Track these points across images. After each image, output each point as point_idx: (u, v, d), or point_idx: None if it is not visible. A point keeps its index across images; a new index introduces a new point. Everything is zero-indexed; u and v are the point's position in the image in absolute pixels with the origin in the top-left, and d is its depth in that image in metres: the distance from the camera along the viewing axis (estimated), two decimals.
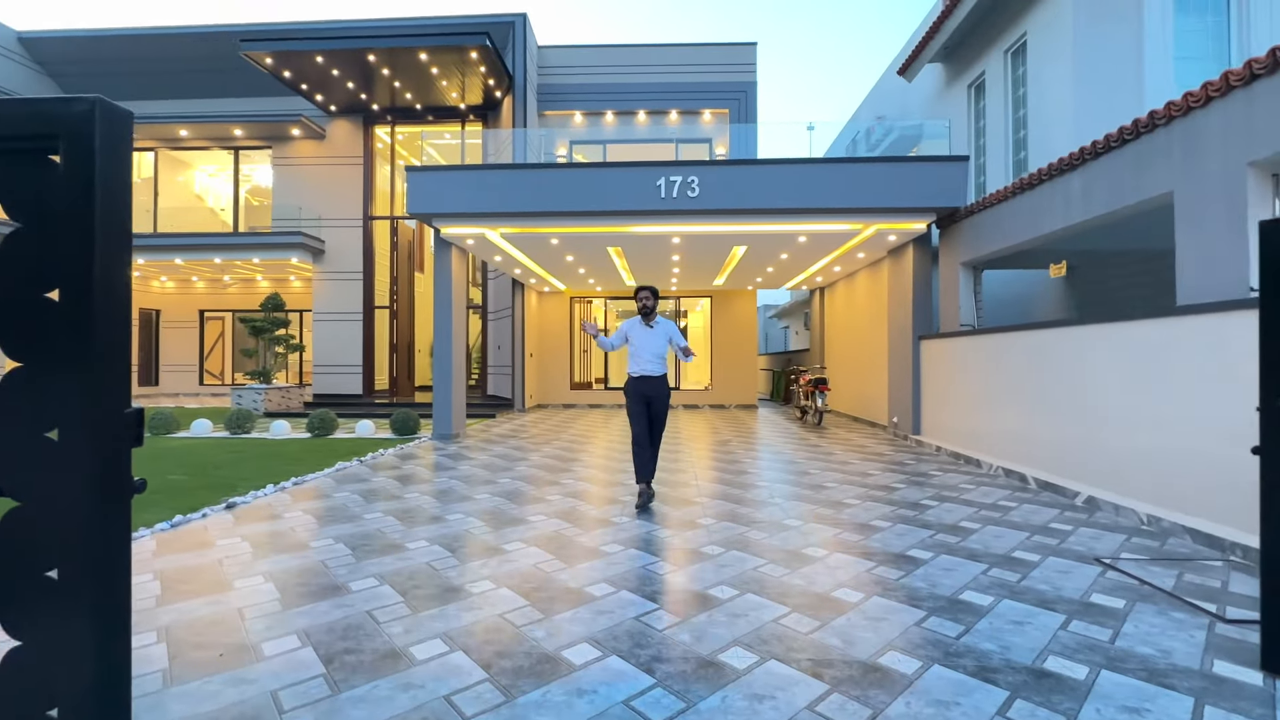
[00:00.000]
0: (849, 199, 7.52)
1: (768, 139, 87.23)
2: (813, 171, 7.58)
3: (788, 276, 12.39)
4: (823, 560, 3.42)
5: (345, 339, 14.46)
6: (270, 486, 5.31)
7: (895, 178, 7.49)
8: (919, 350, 8.34)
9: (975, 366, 6.84)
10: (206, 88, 14.86)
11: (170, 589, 2.98)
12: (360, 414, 12.11)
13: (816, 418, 10.26)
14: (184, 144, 15.13)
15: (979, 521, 4.27)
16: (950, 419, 7.43)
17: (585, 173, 7.75)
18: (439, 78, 12.77)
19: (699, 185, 7.58)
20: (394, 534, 3.94)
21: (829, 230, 8.08)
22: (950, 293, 7.98)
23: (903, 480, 5.75)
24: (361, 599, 2.85)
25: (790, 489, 5.33)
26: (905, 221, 7.81)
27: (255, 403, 12.15)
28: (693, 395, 14.79)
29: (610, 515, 4.43)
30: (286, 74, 12.48)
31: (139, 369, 16.92)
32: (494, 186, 7.80)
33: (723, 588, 3.00)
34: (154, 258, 14.26)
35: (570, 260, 10.32)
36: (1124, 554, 3.56)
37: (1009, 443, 6.10)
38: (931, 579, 3.13)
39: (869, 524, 4.19)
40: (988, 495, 5.13)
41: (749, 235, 8.30)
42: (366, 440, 8.38)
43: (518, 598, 2.87)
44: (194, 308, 17.67)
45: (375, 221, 14.91)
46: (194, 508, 4.55)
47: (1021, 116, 9.13)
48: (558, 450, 7.62)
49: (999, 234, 6.82)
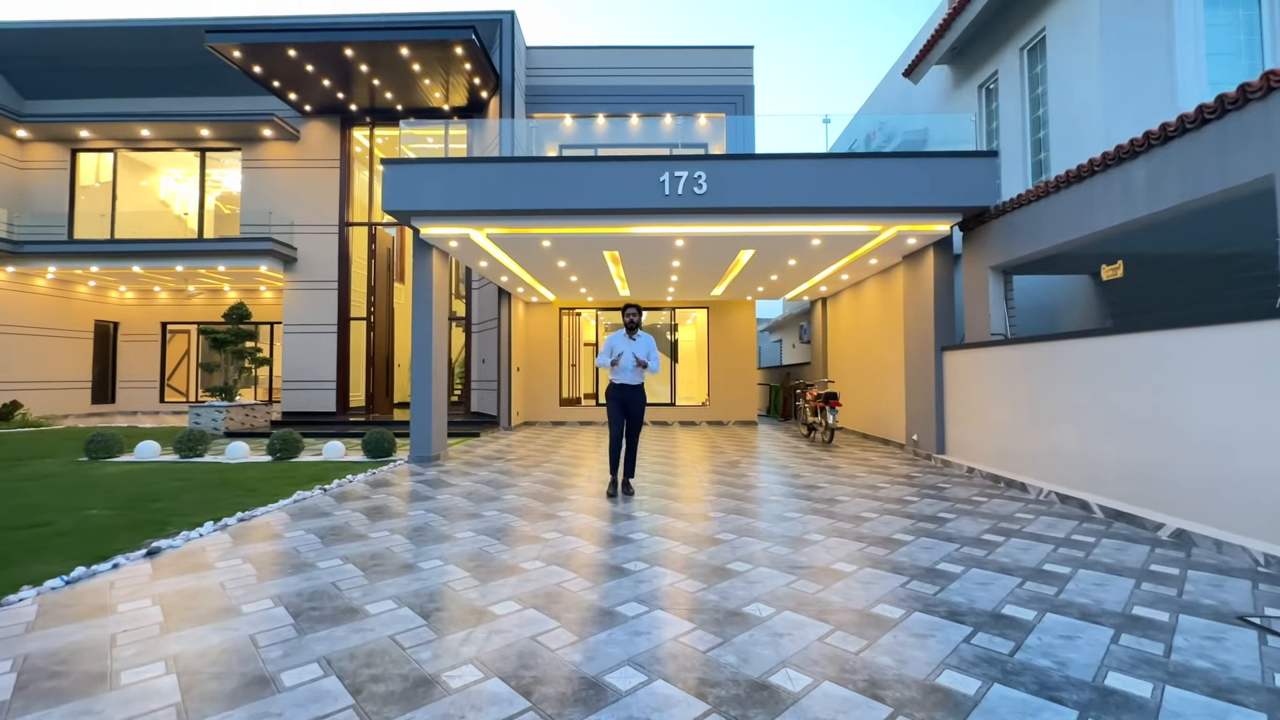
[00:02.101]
0: (869, 197, 6.91)
1: (769, 140, 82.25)
2: (830, 168, 6.97)
3: (790, 286, 11.78)
4: (903, 624, 2.67)
5: (318, 352, 13.51)
6: (210, 524, 4.44)
7: (919, 175, 6.91)
8: (942, 363, 7.71)
9: (1014, 379, 6.21)
10: (171, 85, 14.00)
11: (24, 689, 2.13)
12: (333, 434, 11.16)
13: (827, 435, 9.57)
14: (146, 144, 14.20)
15: (1064, 564, 3.56)
16: (983, 437, 6.77)
17: (581, 167, 7.05)
18: (421, 76, 12.08)
19: (706, 181, 6.93)
20: (353, 591, 3.11)
21: (846, 232, 7.46)
22: (977, 300, 7.38)
23: (947, 509, 5.04)
24: (298, 705, 2.03)
25: (825, 521, 4.59)
26: (928, 223, 7.22)
27: (215, 422, 11.14)
28: (690, 411, 14.05)
29: (623, 560, 3.64)
30: (257, 69, 11.69)
31: (94, 385, 15.74)
32: (481, 182, 7.06)
33: (787, 672, 2.24)
34: (110, 265, 13.23)
35: (562, 266, 9.59)
36: (1267, 608, 2.87)
37: (1063, 464, 5.43)
38: (1053, 653, 2.40)
39: (935, 568, 3.46)
40: (1053, 527, 4.43)
41: (758, 237, 7.65)
42: (334, 464, 7.48)
43: (514, 695, 2.08)
44: (156, 320, 16.57)
45: (352, 228, 14.08)
46: (105, 555, 3.67)
47: (1040, 116, 8.66)
48: (549, 475, 6.81)
49: (1037, 234, 6.24)
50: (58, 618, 2.78)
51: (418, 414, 7.82)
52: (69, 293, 15.01)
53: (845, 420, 11.10)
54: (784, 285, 11.63)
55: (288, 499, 5.38)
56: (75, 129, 13.59)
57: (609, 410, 5.54)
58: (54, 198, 14.19)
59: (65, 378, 14.92)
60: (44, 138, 14.09)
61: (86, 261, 13.20)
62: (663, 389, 14.25)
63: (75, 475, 6.68)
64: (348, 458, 7.95)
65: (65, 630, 2.64)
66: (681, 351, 14.63)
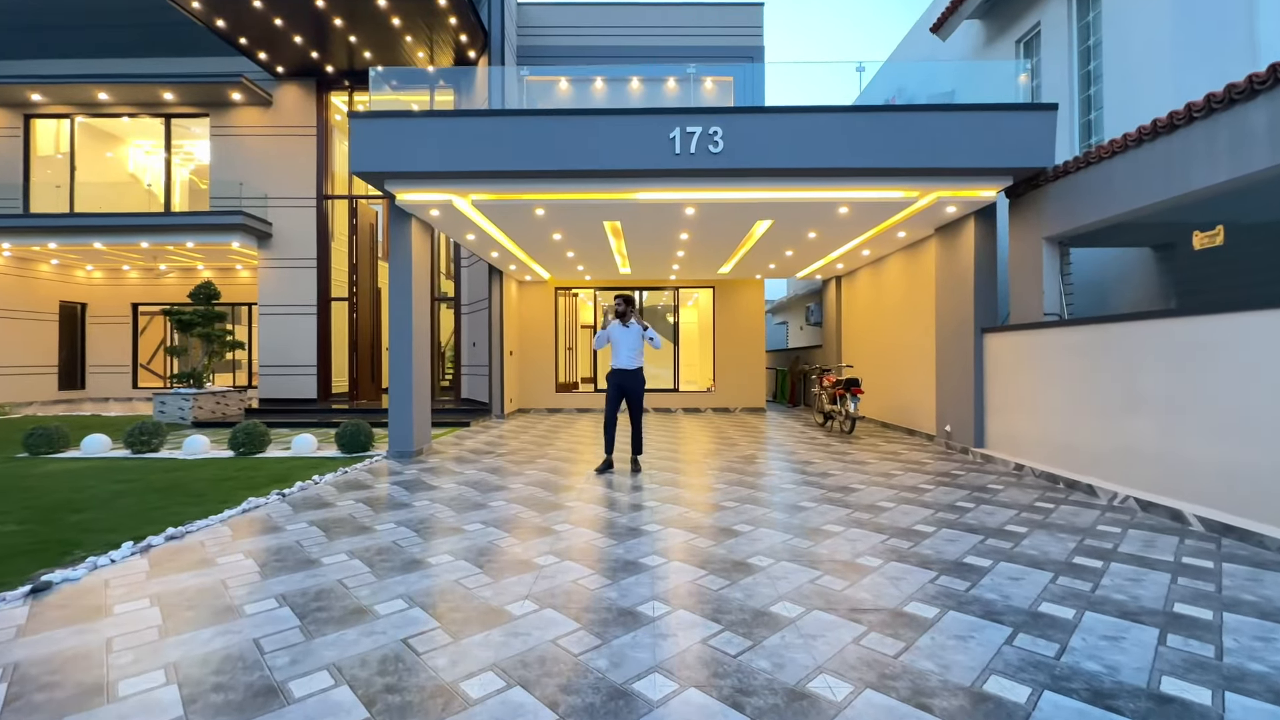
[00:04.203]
0: (908, 157, 6.04)
1: (784, 97, 79.63)
2: (866, 123, 6.08)
3: (804, 263, 10.92)
4: (1039, 711, 1.90)
5: (297, 336, 12.61)
6: (128, 545, 3.63)
7: (965, 132, 6.03)
8: (982, 346, 6.91)
9: (1075, 365, 5.41)
10: (132, 46, 12.87)
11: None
12: (313, 423, 10.34)
13: (848, 425, 8.80)
14: (105, 109, 13.10)
15: (1198, 603, 2.79)
16: (1035, 430, 6.00)
17: (581, 122, 6.14)
18: (403, 32, 11.03)
19: (723, 138, 6.03)
20: (279, 657, 2.31)
21: (878, 199, 6.60)
22: (1026, 276, 6.56)
23: (1012, 519, 4.27)
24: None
25: (874, 538, 3.81)
26: (973, 187, 6.36)
27: (183, 411, 10.29)
28: (694, 398, 13.26)
29: (637, 600, 2.85)
30: (220, 23, 10.60)
31: (60, 370, 14.82)
32: (465, 138, 6.15)
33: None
34: (69, 241, 12.24)
35: (558, 239, 8.70)
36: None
37: (1142, 465, 4.66)
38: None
39: (1037, 611, 2.68)
40: (1153, 546, 3.67)
41: (780, 205, 6.78)
42: (303, 461, 6.67)
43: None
44: (126, 301, 15.59)
45: (332, 201, 13.09)
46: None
47: (1092, 70, 7.76)
48: (544, 474, 6.02)
49: (1108, 197, 5.40)
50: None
51: (396, 404, 6.99)
52: (30, 271, 14.02)
53: (864, 408, 10.33)
54: (798, 262, 10.77)
55: (236, 508, 4.57)
56: (26, 91, 12.49)
57: (608, 394, 5.96)
58: (7, 168, 13.12)
59: (28, 362, 14.00)
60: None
61: (44, 237, 12.19)
62: (665, 374, 13.44)
63: (3, 475, 5.85)
64: (320, 452, 7.14)
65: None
66: (684, 334, 13.79)
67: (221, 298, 11.73)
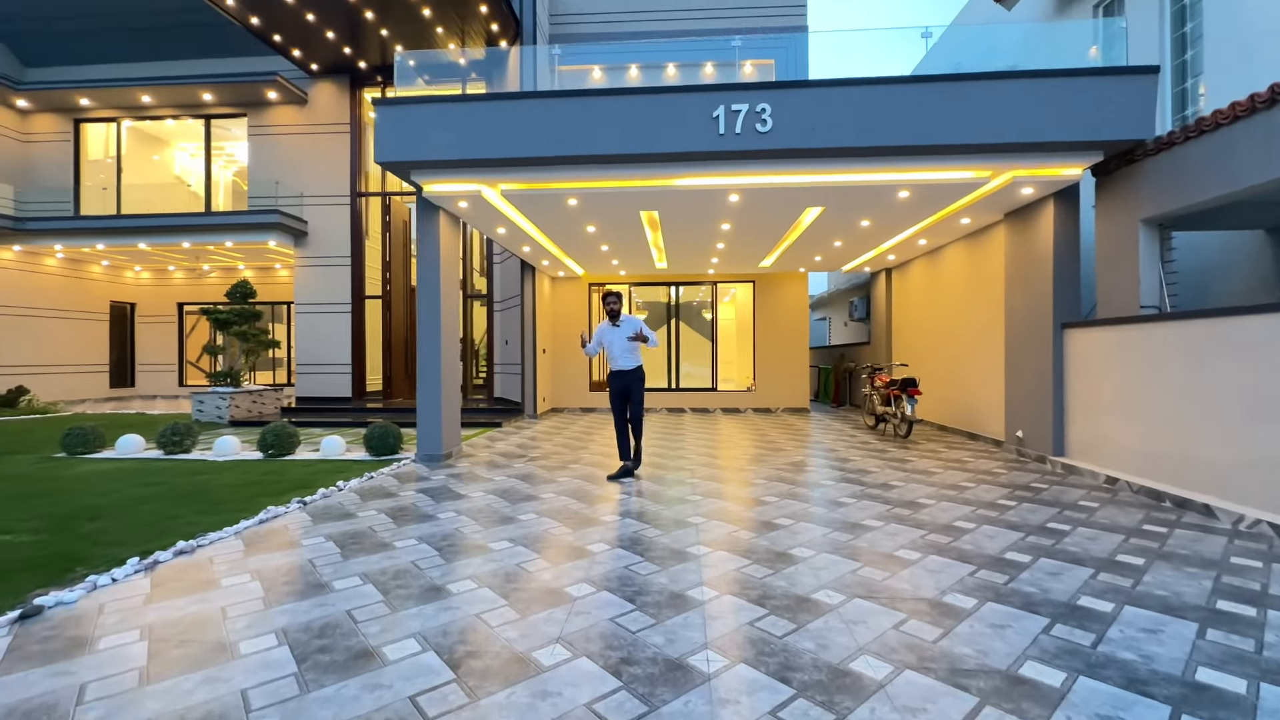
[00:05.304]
0: (981, 132, 5.39)
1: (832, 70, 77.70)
2: (935, 94, 5.44)
3: (853, 255, 10.23)
4: None
5: (332, 334, 12.59)
6: (133, 562, 3.37)
7: (1050, 101, 5.33)
8: (1062, 343, 6.19)
9: (1184, 365, 4.70)
10: (173, 48, 13.05)
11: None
12: (347, 421, 10.23)
13: (903, 429, 8.13)
14: (150, 112, 13.32)
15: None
16: (1130, 439, 5.28)
17: (615, 102, 5.69)
18: (434, 24, 10.80)
19: (772, 116, 5.49)
20: (273, 715, 1.94)
21: (944, 180, 5.95)
22: (1118, 263, 5.81)
23: (1121, 546, 3.64)
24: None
25: (959, 568, 3.25)
26: (1056, 165, 5.65)
27: (220, 410, 10.31)
28: (733, 397, 12.69)
29: (685, 650, 2.39)
30: (254, 20, 10.56)
31: (112, 368, 15.25)
32: (494, 124, 5.78)
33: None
34: (116, 242, 12.49)
35: (591, 232, 8.29)
36: None
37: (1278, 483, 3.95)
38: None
39: (1204, 683, 2.11)
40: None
41: (832, 189, 6.19)
42: (329, 464, 6.45)
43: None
44: (172, 301, 15.96)
45: (365, 199, 13.02)
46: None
47: (1188, 33, 6.89)
48: (577, 482, 5.62)
49: (1226, 172, 4.66)
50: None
51: (425, 405, 6.70)
52: (82, 273, 14.43)
53: (920, 410, 9.61)
54: (846, 254, 10.09)
55: (253, 518, 4.30)
56: (75, 96, 12.78)
57: (610, 397, 5.79)
58: (59, 173, 13.49)
59: (81, 361, 14.43)
60: (46, 108, 13.36)
61: (93, 239, 12.48)
62: (703, 373, 12.92)
63: (35, 478, 5.78)
64: (347, 455, 6.92)
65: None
66: (722, 331, 13.22)
67: (258, 296, 11.75)
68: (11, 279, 12.86)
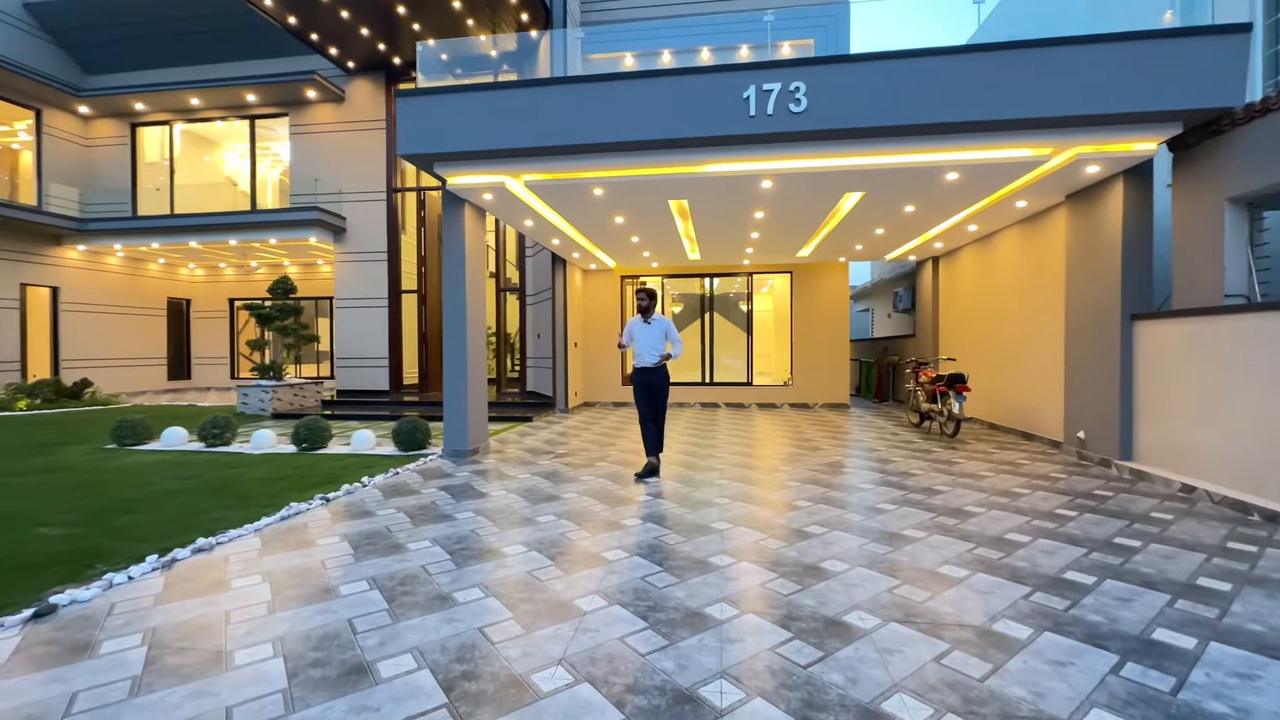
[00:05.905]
0: (1045, 104, 4.90)
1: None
2: (994, 64, 4.97)
3: (896, 243, 9.69)
4: None
5: (370, 328, 12.83)
6: (152, 559, 3.38)
7: (1121, 67, 4.80)
8: (1132, 336, 5.63)
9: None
10: (219, 50, 13.45)
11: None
12: (384, 415, 10.38)
13: (950, 428, 7.65)
14: (198, 114, 13.80)
15: None
16: (1215, 443, 4.74)
17: (641, 85, 5.44)
18: (464, 16, 10.76)
19: (806, 95, 5.14)
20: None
21: (997, 159, 5.48)
22: (1199, 248, 5.22)
23: (1199, 566, 3.22)
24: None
25: (1012, 590, 2.91)
26: (1127, 139, 5.11)
27: (263, 403, 10.63)
28: (769, 392, 12.31)
29: (696, 679, 2.18)
30: (292, 20, 10.75)
31: (169, 361, 15.99)
32: (516, 112, 5.62)
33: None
34: (169, 240, 13.04)
35: (620, 223, 8.07)
36: None
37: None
38: None
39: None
40: None
41: (873, 172, 5.79)
42: (358, 459, 6.48)
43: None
44: (224, 296, 16.60)
45: (401, 194, 13.16)
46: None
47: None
48: (601, 481, 5.45)
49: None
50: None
51: (451, 401, 6.65)
52: (140, 270, 15.14)
53: (969, 407, 9.05)
54: (889, 242, 9.57)
55: (275, 514, 4.30)
56: (131, 101, 13.35)
57: (634, 394, 5.73)
58: (118, 175, 14.15)
59: (141, 354, 15.17)
60: (105, 113, 14.01)
61: (148, 238, 13.05)
62: (738, 366, 12.57)
63: (85, 469, 6.00)
64: (376, 449, 6.95)
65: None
66: (758, 324, 12.82)
67: (299, 292, 12.04)
68: (78, 277, 13.59)
